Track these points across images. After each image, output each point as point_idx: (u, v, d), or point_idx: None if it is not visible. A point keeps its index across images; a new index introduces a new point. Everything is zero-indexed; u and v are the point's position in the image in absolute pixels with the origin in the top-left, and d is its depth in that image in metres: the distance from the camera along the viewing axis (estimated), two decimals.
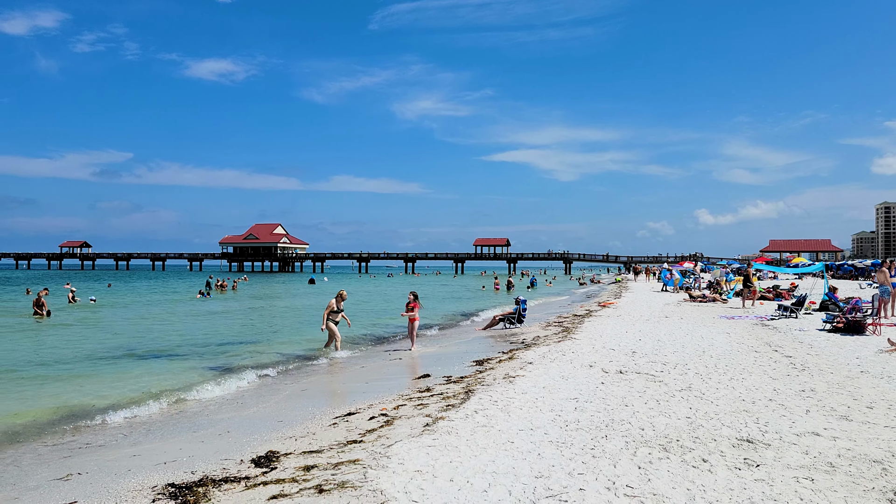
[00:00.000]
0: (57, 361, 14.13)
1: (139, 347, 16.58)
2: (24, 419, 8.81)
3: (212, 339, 18.45)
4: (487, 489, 5.09)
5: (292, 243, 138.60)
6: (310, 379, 12.19)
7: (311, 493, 5.13)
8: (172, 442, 7.67)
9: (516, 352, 13.94)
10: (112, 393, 10.59)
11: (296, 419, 8.52)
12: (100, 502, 5.42)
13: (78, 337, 18.95)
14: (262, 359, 14.66)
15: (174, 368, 13.23)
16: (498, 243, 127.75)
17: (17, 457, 7.13)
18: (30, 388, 11.03)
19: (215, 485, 5.66)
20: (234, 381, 11.87)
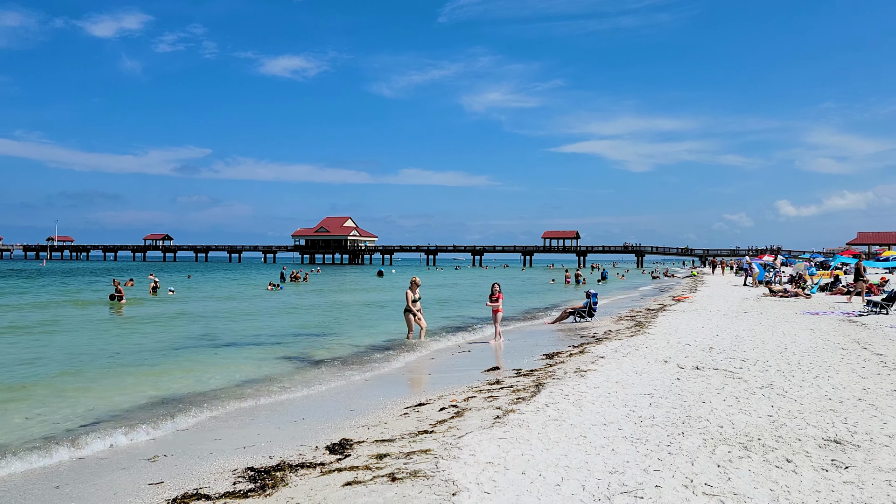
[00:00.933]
0: (140, 350, 14.85)
1: (217, 337, 17.24)
2: (118, 404, 9.30)
3: (286, 330, 18.99)
4: (560, 483, 5.04)
5: (362, 236, 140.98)
6: (380, 369, 12.38)
7: (384, 481, 5.21)
8: (250, 428, 7.93)
9: (587, 346, 13.74)
10: (191, 381, 11.05)
11: (367, 408, 8.67)
12: (184, 483, 5.66)
13: (158, 327, 19.85)
14: (334, 349, 14.99)
15: (250, 357, 13.68)
16: (567, 236, 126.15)
17: (112, 439, 7.52)
18: (121, 375, 11.63)
19: (292, 469, 5.82)
20: (307, 369, 12.19)
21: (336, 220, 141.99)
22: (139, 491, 5.52)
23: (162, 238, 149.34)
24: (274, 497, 5.07)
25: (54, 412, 8.67)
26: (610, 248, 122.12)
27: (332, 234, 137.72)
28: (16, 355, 13.64)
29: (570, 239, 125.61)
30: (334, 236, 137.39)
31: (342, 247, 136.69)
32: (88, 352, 14.25)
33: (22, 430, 7.82)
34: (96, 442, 7.29)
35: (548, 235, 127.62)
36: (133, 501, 5.25)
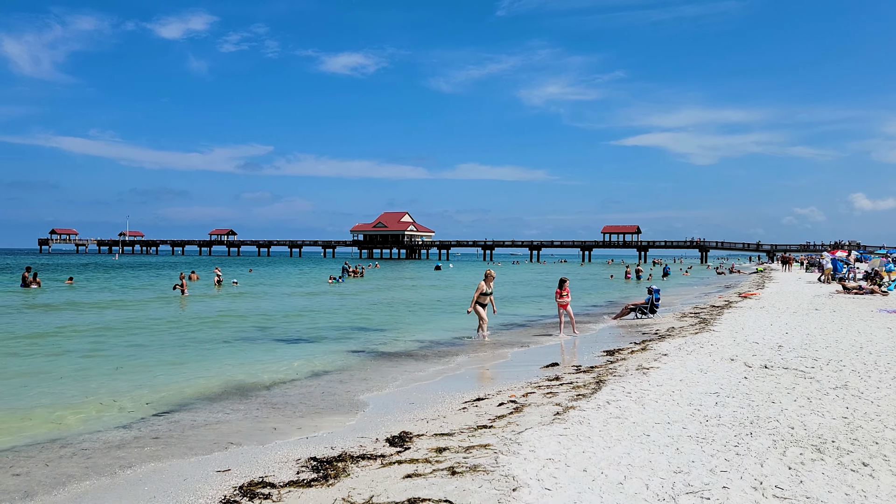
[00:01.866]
0: (204, 342, 15.33)
1: (279, 330, 17.66)
2: (185, 394, 9.63)
3: (345, 324, 19.29)
4: (623, 481, 4.95)
5: (419, 231, 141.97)
6: (438, 363, 12.43)
7: (444, 475, 5.22)
8: (313, 418, 8.09)
9: (649, 343, 13.46)
10: (254, 371, 11.34)
11: (426, 402, 8.72)
12: (250, 471, 5.81)
13: (222, 320, 20.45)
14: (393, 343, 15.14)
15: (311, 351, 13.95)
16: (628, 230, 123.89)
17: (184, 426, 7.80)
18: (188, 366, 12.04)
19: (353, 461, 5.90)
20: (366, 363, 12.35)
21: (394, 216, 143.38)
22: (207, 477, 5.70)
23: (226, 233, 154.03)
24: (336, 487, 5.15)
25: (127, 400, 9.03)
26: (672, 243, 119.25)
27: (390, 229, 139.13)
28: (84, 346, 14.29)
29: (631, 234, 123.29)
30: (392, 231, 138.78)
31: (399, 242, 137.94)
32: (153, 343, 14.80)
33: (97, 416, 8.18)
34: (166, 429, 7.58)
35: (608, 230, 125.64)
36: (202, 487, 5.42)
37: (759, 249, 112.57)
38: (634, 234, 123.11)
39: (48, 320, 19.13)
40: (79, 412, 8.33)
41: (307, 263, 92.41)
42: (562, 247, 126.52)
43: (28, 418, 8.02)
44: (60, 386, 9.95)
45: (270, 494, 5.07)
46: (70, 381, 10.33)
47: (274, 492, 5.13)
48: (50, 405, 8.68)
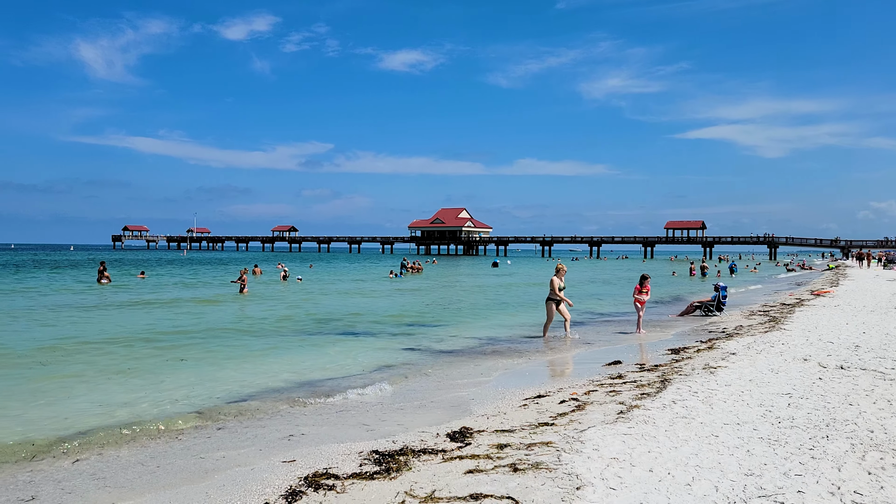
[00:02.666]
0: (270, 334, 15.70)
1: (340, 324, 17.94)
2: (255, 385, 9.90)
3: (405, 319, 19.45)
4: (691, 483, 4.81)
5: (476, 227, 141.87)
6: (498, 359, 12.38)
7: (505, 471, 5.19)
8: (374, 412, 8.18)
9: (716, 341, 13.06)
10: (320, 365, 11.55)
11: (486, 398, 8.69)
12: (314, 462, 5.91)
13: (287, 313, 20.91)
14: (452, 338, 15.17)
15: (372, 346, 14.12)
16: (692, 226, 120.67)
17: (250, 418, 8.02)
18: (254, 357, 12.36)
19: (415, 455, 5.93)
20: (425, 358, 12.41)
21: (451, 212, 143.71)
22: (274, 467, 5.83)
23: (288, 230, 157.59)
24: (398, 480, 5.19)
25: (194, 391, 9.34)
26: (739, 238, 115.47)
27: (448, 225, 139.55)
28: (152, 338, 14.85)
29: (696, 229, 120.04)
30: (449, 227, 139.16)
31: (457, 238, 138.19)
32: (218, 336, 15.25)
33: (166, 408, 8.48)
34: (233, 421, 7.80)
35: (671, 226, 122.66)
36: (268, 477, 5.54)
37: (835, 245, 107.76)
38: (699, 229, 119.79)
39: (118, 313, 19.98)
40: (149, 403, 8.66)
41: (366, 259, 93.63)
42: (623, 243, 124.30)
43: (102, 408, 8.39)
44: (129, 377, 10.36)
45: (334, 486, 5.14)
46: (139, 372, 10.74)
47: (338, 483, 5.20)
48: (122, 395, 9.05)
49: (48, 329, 16.04)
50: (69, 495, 5.34)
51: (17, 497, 5.32)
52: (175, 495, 5.19)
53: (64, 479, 5.77)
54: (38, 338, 14.47)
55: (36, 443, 6.83)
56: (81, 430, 7.32)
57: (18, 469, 6.07)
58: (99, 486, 5.54)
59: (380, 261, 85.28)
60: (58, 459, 6.32)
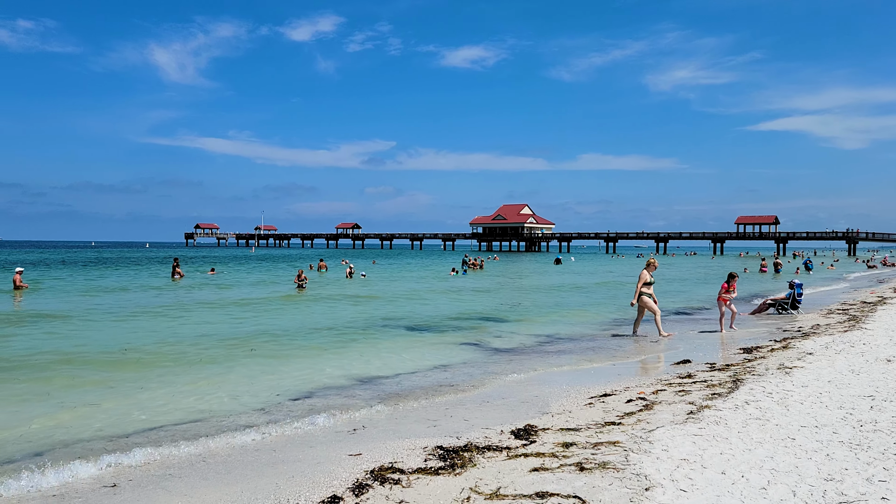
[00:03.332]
0: (336, 329, 15.98)
1: (403, 320, 18.10)
2: (320, 379, 10.11)
3: (469, 315, 19.46)
4: (766, 486, 4.63)
5: (539, 223, 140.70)
6: (562, 357, 12.25)
7: (571, 470, 5.12)
8: (437, 408, 8.21)
9: (791, 340, 12.55)
10: (382, 361, 11.69)
11: (551, 395, 8.60)
12: (380, 456, 5.99)
13: (352, 308, 21.25)
14: (516, 335, 15.09)
15: (434, 341, 14.19)
16: (764, 221, 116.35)
17: (317, 411, 8.19)
18: (319, 352, 12.61)
19: (479, 451, 5.92)
20: (489, 355, 12.39)
21: (513, 208, 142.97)
22: (340, 460, 5.93)
23: (351, 227, 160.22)
24: (463, 476, 5.19)
25: (260, 384, 9.60)
26: (815, 234, 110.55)
27: (509, 221, 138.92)
28: (221, 332, 15.32)
29: (768, 224, 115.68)
30: (511, 223, 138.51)
31: (519, 234, 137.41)
32: (285, 330, 15.61)
33: (237, 400, 8.75)
34: (299, 413, 7.98)
35: (742, 221, 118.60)
36: (335, 470, 5.64)
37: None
38: (772, 224, 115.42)
39: (191, 309, 20.74)
40: (218, 397, 8.95)
41: (428, 256, 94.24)
42: (691, 238, 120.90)
43: (173, 399, 8.72)
44: (199, 371, 10.72)
45: (400, 480, 5.19)
46: (209, 366, 11.11)
47: (403, 478, 5.25)
48: (191, 389, 9.39)
49: (125, 327, 16.80)
50: (142, 489, 5.57)
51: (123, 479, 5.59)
52: (246, 487, 5.34)
53: (136, 477, 6.03)
54: (118, 336, 15.18)
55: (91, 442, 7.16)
56: (150, 426, 7.64)
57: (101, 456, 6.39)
58: (168, 477, 5.76)
59: (441, 257, 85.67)
60: (123, 455, 6.61)
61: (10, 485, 5.49)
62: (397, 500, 4.76)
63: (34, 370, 10.45)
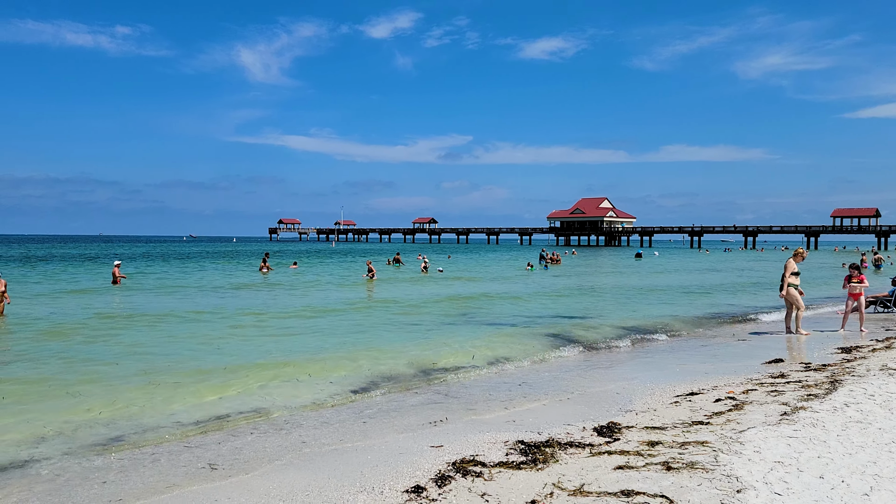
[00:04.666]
0: (412, 323, 16.18)
1: (480, 314, 18.12)
2: (401, 371, 10.27)
3: (545, 310, 19.29)
4: (869, 493, 4.38)
5: (619, 217, 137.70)
6: (644, 352, 11.96)
7: (658, 469, 5.00)
8: (517, 402, 8.19)
9: (895, 340, 11.78)
10: (459, 355, 11.73)
11: (634, 393, 8.42)
12: (461, 449, 6.03)
13: (430, 303, 21.44)
14: (595, 330, 14.85)
15: (512, 334, 14.13)
16: (863, 214, 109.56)
17: (398, 403, 8.33)
18: (400, 344, 12.80)
19: (561, 447, 5.87)
20: (568, 349, 12.25)
21: (592, 202, 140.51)
22: (422, 451, 6.01)
23: (428, 221, 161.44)
24: (545, 472, 5.16)
25: (340, 376, 9.83)
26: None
27: (588, 215, 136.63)
28: (301, 325, 15.77)
29: (867, 217, 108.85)
30: (590, 217, 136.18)
31: (598, 228, 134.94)
32: (366, 323, 15.92)
33: (318, 390, 9.00)
34: (380, 404, 8.13)
35: (838, 214, 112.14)
36: (417, 461, 5.72)
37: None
38: (872, 217, 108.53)
39: (276, 300, 21.47)
40: (299, 385, 9.23)
41: (504, 250, 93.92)
42: (782, 232, 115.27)
43: (242, 386, 9.05)
44: (286, 360, 11.08)
45: (482, 473, 5.21)
46: (292, 354, 11.46)
47: (485, 471, 5.27)
48: (276, 377, 9.72)
49: (227, 317, 17.59)
50: (242, 473, 5.81)
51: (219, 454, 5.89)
52: (332, 474, 5.49)
53: (233, 461, 6.30)
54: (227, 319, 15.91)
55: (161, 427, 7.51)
56: (242, 409, 7.96)
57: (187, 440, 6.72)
58: (259, 458, 6.00)
59: (518, 252, 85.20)
60: (223, 437, 6.91)
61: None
62: (480, 492, 4.79)
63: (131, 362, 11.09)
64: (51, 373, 9.85)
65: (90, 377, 9.49)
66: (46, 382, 9.15)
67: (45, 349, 11.92)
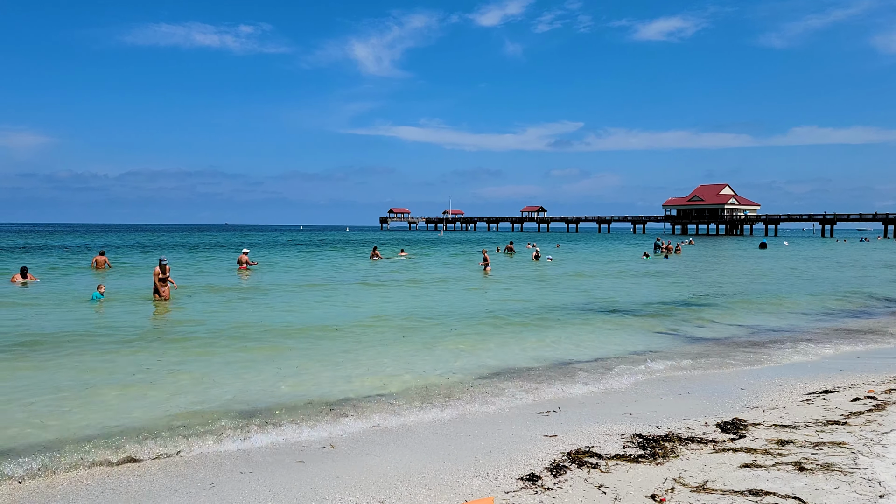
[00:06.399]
0: (523, 313, 16.08)
1: (593, 306, 17.75)
2: (511, 358, 10.27)
3: (663, 301, 18.63)
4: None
5: (741, 204, 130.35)
6: (771, 349, 11.30)
7: (789, 469, 4.72)
8: (631, 395, 7.98)
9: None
10: (573, 346, 11.57)
11: (760, 389, 7.98)
12: (576, 439, 5.95)
13: (541, 293, 21.25)
14: (718, 324, 14.18)
15: (629, 327, 13.77)
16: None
17: (510, 388, 8.35)
18: (512, 333, 12.79)
19: (681, 442, 5.66)
20: (688, 342, 11.78)
21: (711, 188, 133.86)
22: (536, 440, 5.98)
23: (536, 210, 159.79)
24: (665, 467, 5.00)
25: (457, 363, 9.95)
26: None
27: (707, 202, 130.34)
28: (423, 310, 16.04)
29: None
30: (709, 205, 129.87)
31: (718, 216, 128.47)
32: (478, 312, 15.99)
33: (430, 375, 9.15)
34: (496, 392, 8.17)
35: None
36: (531, 449, 5.71)
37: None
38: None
39: (389, 288, 22.03)
40: (414, 370, 9.42)
41: (616, 239, 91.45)
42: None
43: (353, 374, 9.33)
44: (398, 345, 11.35)
45: (598, 464, 5.12)
46: (408, 340, 11.72)
47: (601, 462, 5.17)
48: (387, 366, 9.98)
49: (338, 307, 18.30)
50: (355, 453, 6.03)
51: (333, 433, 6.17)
52: (447, 458, 5.58)
53: (348, 443, 6.55)
54: (338, 314, 16.59)
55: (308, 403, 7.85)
56: (355, 395, 8.24)
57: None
58: (373, 444, 6.19)
59: (631, 241, 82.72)
60: (336, 422, 7.18)
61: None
62: (596, 483, 4.71)
63: (266, 337, 11.76)
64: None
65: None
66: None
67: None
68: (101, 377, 8.70)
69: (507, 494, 4.58)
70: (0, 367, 9.22)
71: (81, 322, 13.42)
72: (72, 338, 11.51)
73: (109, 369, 9.16)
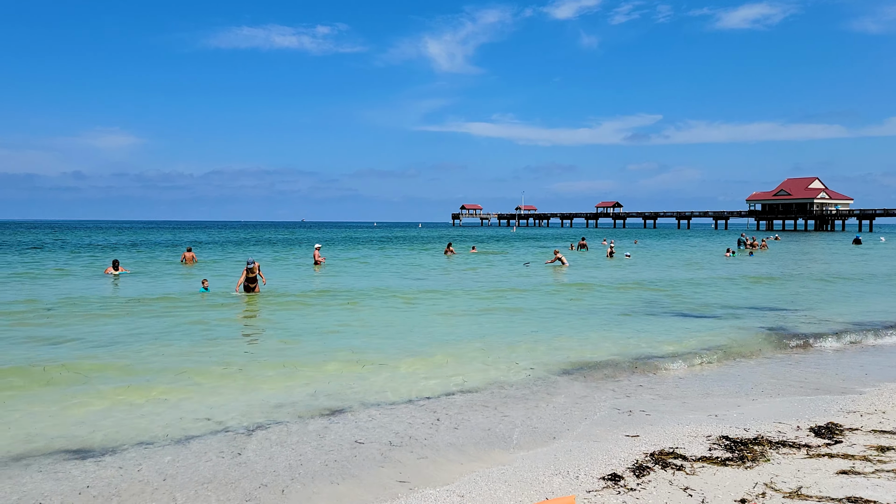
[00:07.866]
0: (601, 310, 15.80)
1: (673, 302, 17.26)
2: (592, 358, 10.12)
3: (747, 301, 17.92)
4: None
5: (831, 199, 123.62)
6: (868, 350, 10.69)
7: (891, 477, 4.47)
8: (716, 396, 7.73)
9: None
10: (649, 344, 11.29)
11: (858, 393, 7.57)
12: (658, 440, 5.82)
13: (618, 289, 20.82)
14: (806, 324, 13.53)
15: (713, 325, 13.31)
16: None
17: (589, 388, 8.25)
18: (592, 331, 12.60)
19: (772, 446, 5.45)
20: (775, 344, 11.29)
21: (799, 182, 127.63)
22: (618, 440, 5.89)
23: (612, 205, 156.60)
24: (755, 471, 4.83)
25: (532, 360, 9.88)
26: None
27: (794, 197, 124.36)
28: (499, 306, 16.01)
29: None
30: (797, 199, 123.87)
31: (806, 211, 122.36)
32: (552, 309, 15.83)
33: (508, 371, 9.12)
34: (575, 390, 8.08)
35: None
36: (612, 449, 5.62)
37: None
38: None
39: (464, 281, 22.10)
40: (491, 366, 9.43)
41: (697, 236, 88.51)
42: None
43: (450, 363, 9.39)
44: (482, 340, 11.37)
45: (683, 467, 5.00)
46: (493, 337, 11.72)
47: (686, 465, 5.05)
48: (473, 351, 10.01)
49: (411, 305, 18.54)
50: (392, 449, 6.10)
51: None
52: (526, 455, 5.57)
53: (450, 423, 6.60)
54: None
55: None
56: (429, 393, 8.31)
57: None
58: (460, 439, 6.23)
59: (713, 237, 79.91)
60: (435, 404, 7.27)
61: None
62: (682, 486, 4.60)
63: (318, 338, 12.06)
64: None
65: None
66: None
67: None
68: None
69: (588, 493, 4.53)
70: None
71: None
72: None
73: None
